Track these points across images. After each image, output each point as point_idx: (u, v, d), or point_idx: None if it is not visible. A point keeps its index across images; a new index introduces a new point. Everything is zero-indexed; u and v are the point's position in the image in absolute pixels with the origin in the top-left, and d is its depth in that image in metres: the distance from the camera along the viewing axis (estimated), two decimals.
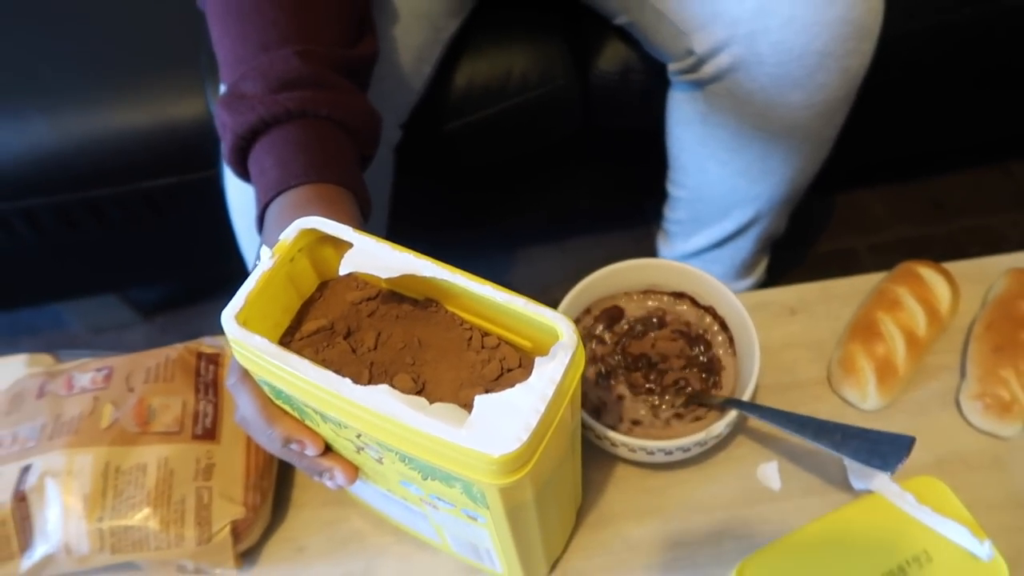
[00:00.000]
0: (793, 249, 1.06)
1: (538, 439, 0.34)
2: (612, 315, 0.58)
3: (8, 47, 0.87)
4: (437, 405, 0.35)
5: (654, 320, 0.57)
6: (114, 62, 0.86)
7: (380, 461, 0.40)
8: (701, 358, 0.55)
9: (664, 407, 0.54)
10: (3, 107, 0.84)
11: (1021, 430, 0.55)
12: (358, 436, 0.38)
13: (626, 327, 0.57)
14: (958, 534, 0.49)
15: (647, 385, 0.55)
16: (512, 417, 0.33)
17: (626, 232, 1.21)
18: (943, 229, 1.19)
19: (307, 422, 0.42)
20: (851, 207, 1.27)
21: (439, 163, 0.94)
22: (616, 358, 0.56)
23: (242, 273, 0.39)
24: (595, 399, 0.55)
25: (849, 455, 0.45)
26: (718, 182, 0.83)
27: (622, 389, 0.55)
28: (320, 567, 0.55)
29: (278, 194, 0.51)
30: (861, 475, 0.53)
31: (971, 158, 1.30)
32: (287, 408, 0.42)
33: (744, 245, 0.89)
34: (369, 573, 0.55)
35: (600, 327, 0.58)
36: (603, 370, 0.56)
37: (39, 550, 0.50)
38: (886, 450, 0.43)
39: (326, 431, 0.41)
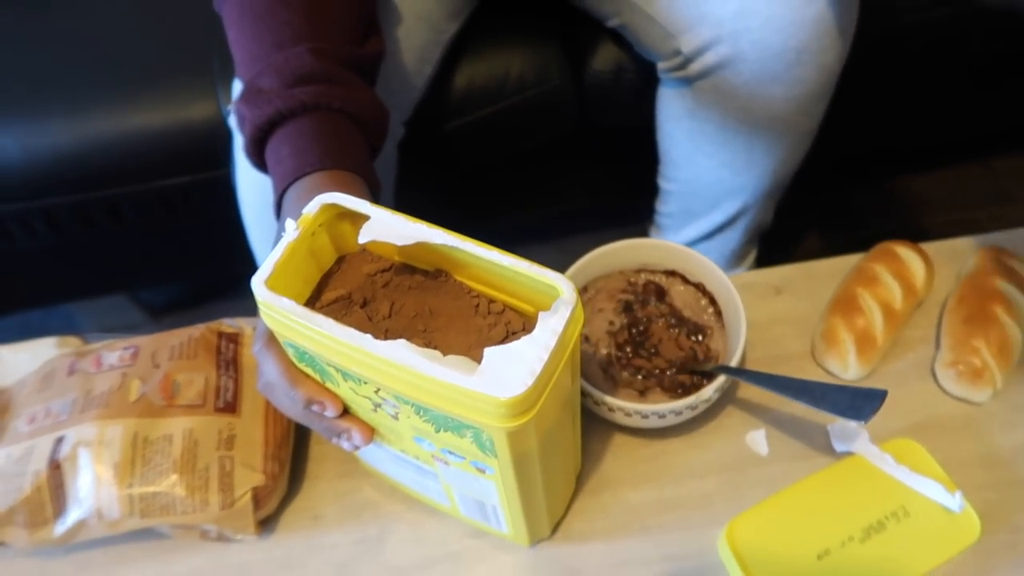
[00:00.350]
0: (782, 245, 1.10)
1: (542, 384, 0.38)
2: (608, 291, 0.62)
3: (28, 53, 0.90)
4: (450, 357, 0.38)
5: (649, 296, 0.61)
6: (130, 66, 0.89)
7: (396, 417, 0.44)
8: (692, 330, 0.59)
9: (659, 375, 0.58)
10: (23, 110, 0.88)
11: (992, 395, 0.59)
12: (376, 391, 0.42)
13: (622, 303, 0.61)
14: (932, 490, 0.52)
15: (643, 355, 0.58)
16: (518, 365, 0.37)
17: (622, 229, 1.23)
18: (927, 223, 1.24)
19: (328, 384, 0.45)
20: (836, 203, 1.31)
21: (440, 160, 0.97)
22: (613, 331, 0.60)
23: (248, 274, 0.42)
24: (594, 369, 0.58)
25: (828, 409, 0.48)
26: (706, 174, 0.87)
27: (620, 359, 0.59)
28: (336, 534, 0.59)
29: (295, 180, 0.54)
30: (842, 438, 0.57)
31: (954, 154, 1.35)
32: (309, 371, 0.45)
33: (733, 236, 0.93)
34: (382, 539, 0.58)
35: (598, 302, 0.61)
36: (602, 342, 0.60)
37: (72, 515, 0.53)
38: (861, 403, 0.47)
39: (345, 392, 0.45)
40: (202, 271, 1.19)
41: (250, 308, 0.46)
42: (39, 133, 0.87)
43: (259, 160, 0.60)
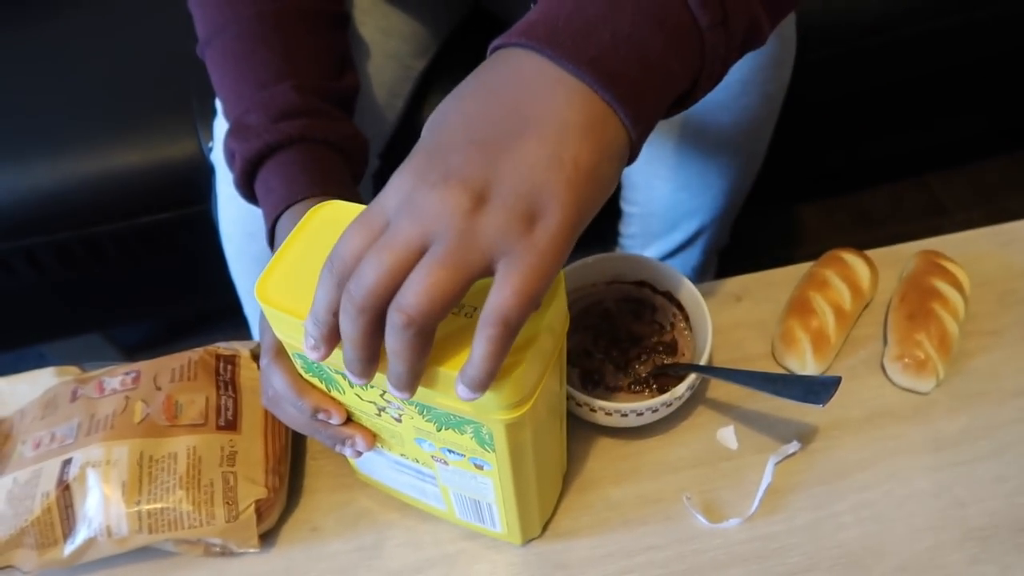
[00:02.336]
0: (738, 261, 1.16)
1: (536, 378, 0.42)
2: (584, 302, 0.66)
3: (12, 93, 0.93)
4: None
5: (623, 305, 0.65)
6: (112, 107, 0.93)
7: (399, 420, 0.47)
8: (663, 335, 0.64)
9: (634, 378, 0.62)
10: (6, 150, 0.90)
11: (935, 384, 0.64)
12: (382, 394, 0.45)
13: (598, 312, 0.65)
14: None
15: (619, 359, 0.63)
16: None
17: (587, 250, 1.30)
18: (869, 237, 1.32)
19: (333, 392, 0.49)
20: (787, 222, 1.40)
21: None
22: (591, 339, 0.64)
23: (224, 311, 0.44)
24: (576, 375, 0.63)
25: (789, 396, 0.53)
26: (665, 196, 0.93)
27: (598, 365, 0.63)
28: (334, 543, 0.61)
29: (287, 208, 0.58)
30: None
31: (891, 172, 1.44)
32: (316, 380, 0.49)
33: (693, 254, 0.99)
34: (380, 546, 0.61)
35: (575, 312, 0.66)
36: (582, 349, 0.64)
37: (81, 534, 0.55)
38: (819, 389, 0.52)
39: (350, 399, 0.48)
40: (178, 307, 1.21)
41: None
42: (22, 173, 0.89)
43: (248, 192, 0.63)
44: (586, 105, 0.35)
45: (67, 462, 0.56)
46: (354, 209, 0.45)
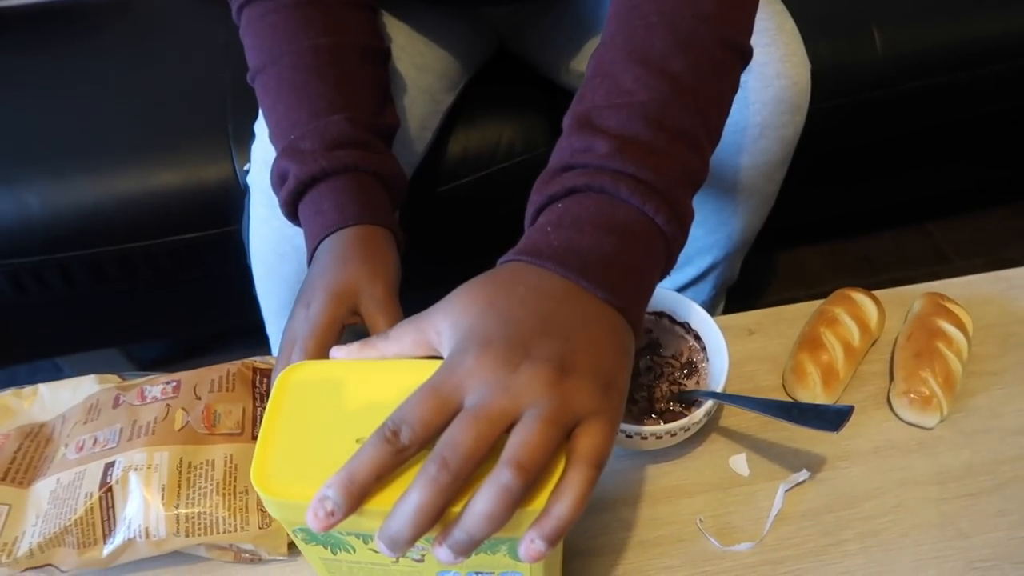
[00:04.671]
0: (745, 299, 1.20)
1: None
2: None
3: (55, 114, 0.97)
4: None
5: (643, 334, 0.68)
6: (150, 128, 0.96)
7: (420, 560, 0.44)
8: (682, 362, 0.67)
9: (653, 404, 0.65)
10: (48, 167, 0.93)
11: (940, 420, 0.67)
12: None
13: None
14: None
15: (640, 386, 0.66)
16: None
17: None
18: (872, 281, 1.35)
19: (341, 554, 0.44)
20: (793, 264, 1.43)
21: (435, 222, 1.05)
22: None
23: (240, 332, 0.44)
24: None
25: (804, 423, 0.56)
26: None
27: None
28: None
29: (335, 230, 0.61)
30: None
31: (894, 219, 1.48)
32: (318, 550, 0.45)
33: (705, 288, 1.02)
34: None
35: None
36: None
37: (120, 535, 0.57)
38: (832, 417, 0.55)
39: (362, 555, 0.44)
40: (198, 326, 1.23)
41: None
42: (61, 189, 0.93)
43: (292, 212, 0.67)
44: (609, 310, 0.44)
45: (110, 465, 0.59)
46: (325, 368, 0.45)
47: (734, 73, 0.56)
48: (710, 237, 0.95)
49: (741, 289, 1.10)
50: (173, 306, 1.12)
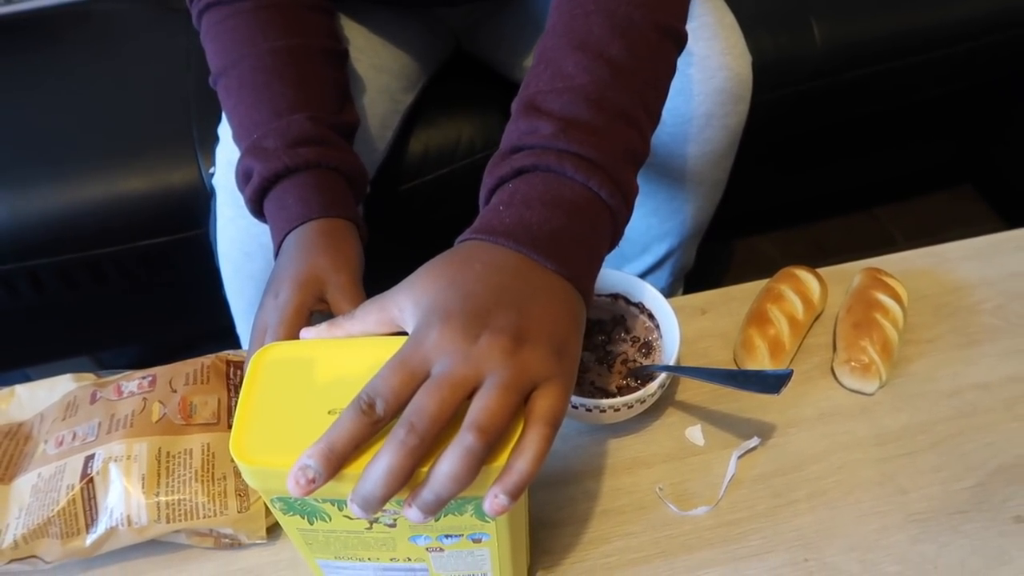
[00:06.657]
0: (701, 286, 1.24)
1: None
2: None
3: (21, 120, 0.97)
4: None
5: (601, 314, 0.72)
6: (116, 135, 0.98)
7: (393, 524, 0.46)
8: (637, 340, 0.71)
9: (612, 378, 0.69)
10: (15, 175, 0.94)
11: (879, 386, 0.72)
12: None
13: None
14: None
15: (598, 362, 0.69)
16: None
17: None
18: (823, 264, 1.41)
19: (317, 523, 0.46)
20: (747, 251, 1.48)
21: (399, 218, 1.08)
22: None
23: (209, 337, 0.46)
24: None
25: (748, 388, 0.60)
26: (636, 222, 1.00)
27: (580, 367, 0.69)
28: None
29: (300, 224, 0.64)
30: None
31: (843, 206, 1.54)
32: (295, 520, 0.47)
33: (662, 275, 1.06)
34: None
35: None
36: None
37: (103, 524, 0.59)
38: (773, 381, 0.59)
39: (337, 523, 0.46)
40: (167, 330, 1.25)
41: None
42: (28, 197, 0.94)
43: (257, 208, 0.69)
44: (560, 281, 0.47)
45: (90, 457, 0.61)
46: (296, 348, 0.47)
47: (670, 57, 0.59)
48: (664, 225, 0.99)
49: (698, 276, 1.14)
50: (144, 310, 1.13)
